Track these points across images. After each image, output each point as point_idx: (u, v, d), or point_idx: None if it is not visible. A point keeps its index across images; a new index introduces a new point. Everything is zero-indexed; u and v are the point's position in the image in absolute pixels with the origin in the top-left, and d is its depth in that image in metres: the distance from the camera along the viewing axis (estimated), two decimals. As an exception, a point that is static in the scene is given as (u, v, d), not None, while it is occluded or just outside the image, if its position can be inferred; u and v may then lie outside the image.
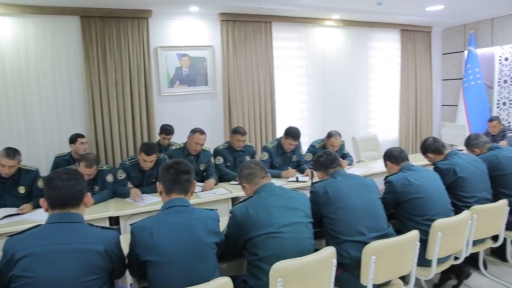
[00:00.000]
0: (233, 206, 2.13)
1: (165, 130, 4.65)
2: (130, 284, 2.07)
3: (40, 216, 2.92)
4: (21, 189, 3.31)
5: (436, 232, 2.35)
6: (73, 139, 4.17)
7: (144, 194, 3.48)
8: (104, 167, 3.57)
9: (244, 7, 5.13)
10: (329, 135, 4.40)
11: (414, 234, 2.23)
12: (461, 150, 3.91)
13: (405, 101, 7.01)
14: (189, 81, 5.33)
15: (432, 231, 2.36)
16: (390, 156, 2.84)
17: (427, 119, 7.32)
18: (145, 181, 3.69)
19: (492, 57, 6.58)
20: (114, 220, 3.18)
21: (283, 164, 4.32)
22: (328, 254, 1.96)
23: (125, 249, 1.86)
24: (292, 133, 4.17)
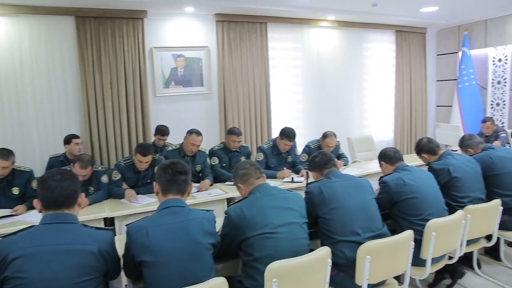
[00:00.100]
0: (228, 206, 2.13)
1: (161, 131, 4.64)
2: (125, 285, 2.07)
3: (34, 217, 2.90)
4: (15, 190, 3.29)
5: (431, 232, 2.36)
6: (67, 140, 4.14)
7: (139, 195, 3.48)
8: (99, 168, 3.56)
9: (240, 8, 5.14)
10: (324, 135, 4.41)
11: (408, 234, 2.24)
12: (455, 150, 3.94)
13: (400, 102, 7.04)
14: (184, 82, 5.32)
15: (427, 231, 2.37)
16: (385, 156, 2.85)
17: (422, 120, 7.37)
18: (140, 181, 3.68)
19: (486, 58, 6.63)
20: (109, 221, 3.16)
21: (279, 165, 4.32)
22: (323, 254, 1.96)
23: (120, 250, 1.86)
24: (287, 133, 4.18)
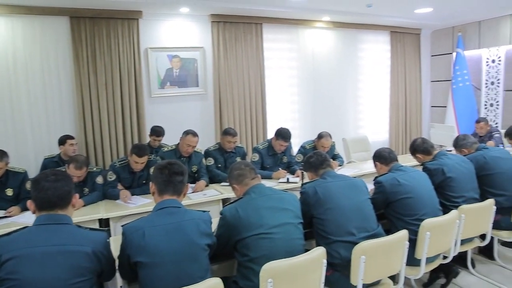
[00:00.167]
0: (223, 207, 2.13)
1: (156, 131, 4.63)
2: (120, 287, 2.06)
3: (28, 219, 2.88)
4: (9, 192, 3.27)
5: (425, 232, 2.37)
6: (62, 141, 4.11)
7: (134, 196, 3.47)
8: (94, 169, 3.54)
9: (235, 9, 5.14)
10: (319, 136, 4.42)
11: (403, 234, 2.25)
12: (450, 150, 3.96)
13: (395, 102, 7.08)
14: (179, 83, 5.32)
15: (421, 231, 2.38)
16: (380, 156, 2.86)
17: (417, 120, 7.41)
18: (136, 182, 3.67)
19: (480, 59, 6.68)
20: (104, 222, 3.15)
21: (274, 165, 4.33)
22: (318, 255, 1.97)
23: (115, 251, 1.85)
24: (282, 134, 4.18)
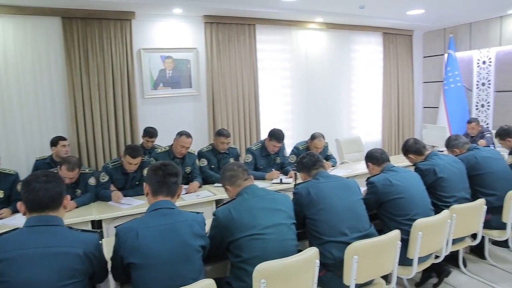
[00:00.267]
0: (217, 208, 2.13)
1: (149, 132, 4.61)
2: (113, 288, 2.05)
3: (19, 221, 2.85)
4: (0, 194, 3.24)
5: (417, 232, 2.39)
6: (54, 142, 4.09)
7: (127, 197, 3.45)
8: (87, 170, 3.52)
9: (228, 10, 5.14)
10: (312, 137, 4.43)
11: (395, 233, 2.26)
12: (442, 151, 4.00)
13: (388, 103, 7.12)
14: (173, 83, 5.31)
15: (413, 231, 2.40)
16: (372, 157, 2.88)
17: (409, 121, 7.46)
18: (129, 183, 3.66)
19: (471, 60, 6.74)
20: (97, 224, 3.13)
21: (267, 166, 4.33)
22: (311, 255, 1.97)
23: (108, 253, 1.84)
24: (276, 135, 4.19)
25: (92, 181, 3.46)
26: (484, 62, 6.54)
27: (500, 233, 3.05)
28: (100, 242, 1.74)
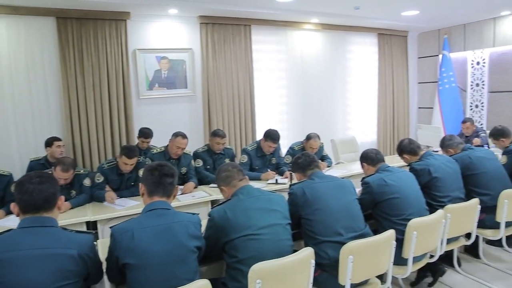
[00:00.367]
0: (212, 208, 2.13)
1: (144, 133, 4.59)
2: (108, 290, 2.04)
3: (13, 223, 2.81)
4: (-7, 195, 3.22)
5: (412, 231, 2.40)
6: (49, 143, 4.07)
7: (121, 198, 3.44)
8: (81, 171, 3.51)
9: (224, 10, 5.14)
10: (308, 137, 4.44)
11: (390, 233, 2.27)
12: (436, 151, 4.02)
13: (383, 104, 7.15)
14: (168, 84, 5.30)
15: (408, 231, 2.41)
16: (367, 157, 2.89)
17: (404, 121, 7.49)
18: (124, 184, 3.64)
19: (465, 61, 6.78)
20: (92, 225, 3.12)
21: (263, 167, 4.33)
22: (306, 255, 1.98)
23: (103, 253, 1.83)
24: (271, 135, 4.19)
25: (87, 182, 3.45)
26: (478, 63, 6.58)
27: (494, 233, 3.07)
28: (94, 243, 1.74)
